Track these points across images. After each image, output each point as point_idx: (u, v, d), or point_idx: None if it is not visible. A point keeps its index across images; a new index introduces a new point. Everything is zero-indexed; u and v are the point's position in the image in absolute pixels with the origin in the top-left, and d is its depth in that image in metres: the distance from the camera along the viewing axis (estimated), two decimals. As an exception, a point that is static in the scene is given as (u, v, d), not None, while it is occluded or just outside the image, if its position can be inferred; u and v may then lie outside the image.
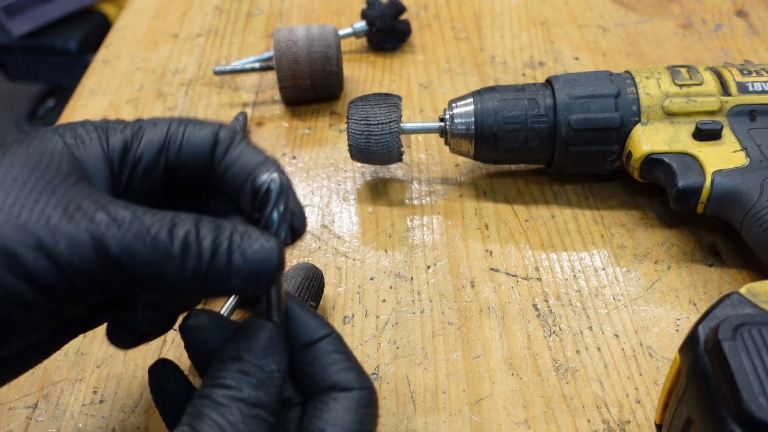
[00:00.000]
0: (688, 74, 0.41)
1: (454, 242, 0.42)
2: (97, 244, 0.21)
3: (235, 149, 0.26)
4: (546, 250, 0.41)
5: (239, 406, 0.22)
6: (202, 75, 0.56)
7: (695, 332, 0.25)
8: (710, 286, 0.38)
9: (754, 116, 0.39)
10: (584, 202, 0.44)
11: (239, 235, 0.23)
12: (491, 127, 0.41)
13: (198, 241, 0.22)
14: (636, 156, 0.39)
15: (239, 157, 0.26)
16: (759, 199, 0.35)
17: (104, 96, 0.55)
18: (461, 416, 0.33)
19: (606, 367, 0.35)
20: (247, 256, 0.22)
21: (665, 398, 0.28)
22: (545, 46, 0.57)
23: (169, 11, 0.65)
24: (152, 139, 0.26)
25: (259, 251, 0.22)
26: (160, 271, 0.22)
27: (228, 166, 0.26)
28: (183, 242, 0.22)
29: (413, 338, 0.36)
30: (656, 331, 0.36)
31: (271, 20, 0.63)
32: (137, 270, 0.21)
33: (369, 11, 0.56)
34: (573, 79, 0.41)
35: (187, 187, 0.27)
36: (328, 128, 0.51)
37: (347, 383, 0.24)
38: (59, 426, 0.33)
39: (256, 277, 0.23)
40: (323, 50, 0.49)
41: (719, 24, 0.59)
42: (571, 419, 0.33)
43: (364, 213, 0.44)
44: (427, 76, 0.55)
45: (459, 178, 0.46)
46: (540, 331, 0.36)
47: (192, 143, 0.26)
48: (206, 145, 0.26)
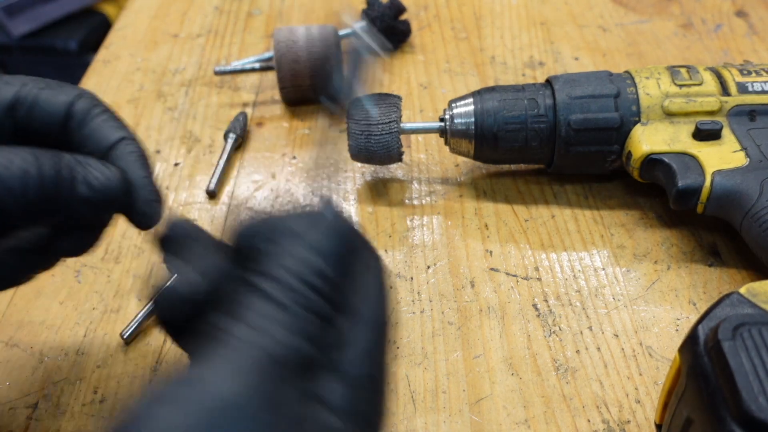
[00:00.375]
0: (688, 74, 0.41)
1: (454, 242, 0.42)
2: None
3: (93, 121, 0.25)
4: (546, 250, 0.41)
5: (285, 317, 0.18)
6: (202, 75, 0.56)
7: (695, 332, 0.25)
8: (710, 286, 0.38)
9: (754, 116, 0.39)
10: (584, 202, 0.44)
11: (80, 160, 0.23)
12: (491, 127, 0.41)
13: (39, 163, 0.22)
14: (636, 156, 0.39)
15: (96, 131, 0.25)
16: (759, 199, 0.35)
17: (104, 96, 0.55)
18: (461, 416, 0.33)
19: (606, 366, 0.35)
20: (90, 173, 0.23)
21: (665, 398, 0.28)
22: (545, 46, 0.57)
23: (169, 11, 0.65)
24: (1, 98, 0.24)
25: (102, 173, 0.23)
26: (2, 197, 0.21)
27: (83, 140, 0.25)
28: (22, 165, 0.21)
29: (413, 338, 0.36)
30: (656, 331, 0.36)
31: (271, 20, 0.63)
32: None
33: (369, 11, 0.56)
34: (573, 79, 0.41)
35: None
36: (328, 128, 0.51)
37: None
38: (59, 426, 0.33)
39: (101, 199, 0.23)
40: (323, 50, 0.49)
41: (719, 24, 0.59)
42: (570, 419, 0.33)
43: (364, 213, 0.44)
44: (427, 76, 0.55)
45: (459, 178, 0.46)
46: (540, 331, 0.36)
47: (44, 108, 0.25)
48: (59, 113, 0.25)
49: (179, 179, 0.47)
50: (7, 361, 0.36)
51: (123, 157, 0.25)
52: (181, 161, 0.49)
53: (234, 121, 0.50)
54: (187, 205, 0.45)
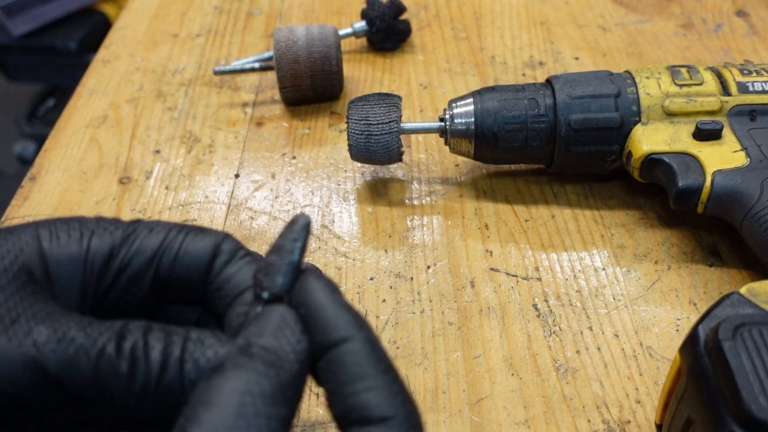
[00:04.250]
0: (689, 74, 0.41)
1: (454, 242, 0.42)
2: (32, 364, 0.19)
3: (234, 265, 0.23)
4: (546, 250, 0.41)
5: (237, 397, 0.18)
6: (201, 75, 0.56)
7: (695, 332, 0.25)
8: (710, 286, 0.38)
9: (755, 116, 0.39)
10: (584, 202, 0.44)
11: (192, 343, 0.20)
12: (491, 127, 0.41)
13: (146, 354, 0.20)
14: (636, 156, 0.39)
15: (236, 274, 0.23)
16: (759, 199, 0.35)
17: (104, 96, 0.55)
18: (461, 416, 0.33)
19: (606, 367, 0.35)
20: (200, 365, 0.20)
21: (665, 398, 0.28)
22: (545, 46, 0.57)
23: (169, 11, 0.65)
24: (144, 247, 0.23)
25: (213, 359, 0.20)
26: (106, 390, 0.19)
27: (222, 282, 0.23)
28: (130, 356, 0.19)
29: (413, 338, 0.36)
30: (656, 331, 0.36)
31: (270, 20, 0.63)
32: (79, 390, 0.19)
33: (369, 11, 0.56)
34: (573, 79, 0.41)
35: (175, 297, 0.24)
36: (328, 128, 0.51)
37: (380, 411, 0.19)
38: None
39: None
40: (323, 50, 0.49)
41: (719, 24, 0.59)
42: (571, 419, 0.33)
43: (364, 213, 0.44)
44: (427, 76, 0.55)
45: (459, 178, 0.46)
46: (540, 331, 0.36)
47: (189, 255, 0.23)
48: (204, 258, 0.23)
49: (179, 179, 0.47)
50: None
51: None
52: (181, 161, 0.49)
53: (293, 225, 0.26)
54: (186, 205, 0.45)
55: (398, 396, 0.19)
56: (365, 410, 0.19)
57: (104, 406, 0.20)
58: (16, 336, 0.19)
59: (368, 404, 0.19)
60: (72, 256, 0.22)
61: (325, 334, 0.20)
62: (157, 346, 0.20)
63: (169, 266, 0.23)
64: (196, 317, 0.25)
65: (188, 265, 0.23)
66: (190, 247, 0.23)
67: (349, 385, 0.19)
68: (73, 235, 0.22)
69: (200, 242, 0.23)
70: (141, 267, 0.23)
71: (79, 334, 0.19)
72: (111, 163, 0.49)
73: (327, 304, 0.21)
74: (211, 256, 0.23)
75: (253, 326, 0.20)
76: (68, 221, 0.23)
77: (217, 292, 0.23)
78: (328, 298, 0.21)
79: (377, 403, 0.19)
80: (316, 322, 0.20)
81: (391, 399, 0.19)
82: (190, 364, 0.20)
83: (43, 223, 0.23)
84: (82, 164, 0.49)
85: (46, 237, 0.22)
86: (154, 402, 0.20)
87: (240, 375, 0.18)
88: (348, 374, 0.20)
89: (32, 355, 0.19)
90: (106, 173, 0.48)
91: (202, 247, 0.23)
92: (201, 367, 0.20)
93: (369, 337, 0.20)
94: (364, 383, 0.19)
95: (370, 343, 0.20)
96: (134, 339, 0.20)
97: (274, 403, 0.18)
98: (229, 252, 0.24)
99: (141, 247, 0.23)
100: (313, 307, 0.21)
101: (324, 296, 0.21)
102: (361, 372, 0.20)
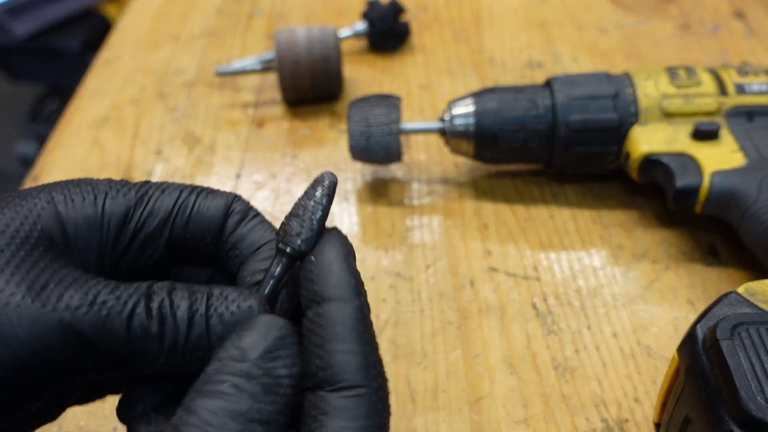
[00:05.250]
0: (686, 75, 0.41)
1: (454, 242, 0.42)
2: (67, 328, 0.19)
3: (247, 225, 0.24)
4: (545, 249, 0.41)
5: (235, 425, 0.18)
6: (203, 76, 0.57)
7: (693, 331, 0.25)
8: (708, 286, 0.38)
9: (752, 117, 0.40)
10: (583, 202, 0.44)
11: (215, 299, 0.21)
12: (491, 127, 0.41)
13: (173, 312, 0.20)
14: (634, 156, 0.40)
15: (249, 233, 0.24)
16: (757, 199, 0.36)
17: (106, 97, 0.55)
18: (461, 415, 0.33)
19: (605, 366, 0.35)
20: (224, 320, 0.20)
21: (664, 397, 0.28)
22: (544, 47, 0.57)
23: (171, 12, 0.65)
24: (159, 208, 0.23)
25: (237, 312, 0.21)
26: (138, 350, 0.20)
27: (236, 242, 0.24)
28: (158, 315, 0.20)
29: (413, 337, 0.37)
30: (655, 330, 0.36)
31: (272, 21, 0.63)
32: (112, 351, 0.20)
33: (369, 12, 0.56)
34: (572, 80, 0.42)
35: (188, 258, 0.24)
36: (329, 129, 0.51)
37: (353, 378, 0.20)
38: (61, 425, 0.34)
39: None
40: (324, 51, 0.49)
41: (717, 25, 0.59)
42: (569, 418, 0.33)
43: (364, 213, 0.44)
44: (427, 77, 0.55)
45: (459, 178, 0.46)
46: (539, 330, 0.37)
47: (202, 215, 0.23)
48: (217, 217, 0.23)
49: (180, 179, 0.47)
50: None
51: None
52: (183, 161, 0.49)
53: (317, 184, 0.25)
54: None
55: (373, 368, 0.20)
56: (339, 371, 0.20)
57: (136, 366, 0.20)
58: (49, 301, 0.19)
59: (344, 366, 0.20)
60: (88, 218, 0.22)
61: (326, 288, 0.21)
62: (182, 305, 0.20)
63: (183, 227, 0.23)
64: (208, 277, 0.26)
65: (201, 225, 0.23)
66: (203, 208, 0.24)
67: (331, 343, 0.20)
68: (87, 197, 0.22)
69: (212, 202, 0.24)
70: (156, 228, 0.23)
71: (110, 297, 0.20)
72: (113, 164, 0.49)
73: (336, 262, 0.21)
74: (224, 215, 0.24)
75: (248, 335, 0.20)
76: (80, 183, 0.23)
77: (231, 251, 0.24)
78: (340, 257, 0.21)
79: (352, 369, 0.20)
80: (320, 276, 0.21)
81: (366, 369, 0.20)
82: (215, 319, 0.20)
83: (56, 186, 0.23)
84: (84, 164, 0.49)
85: (61, 201, 0.22)
86: (182, 358, 0.20)
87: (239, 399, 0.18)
88: (333, 332, 0.20)
89: (67, 319, 0.19)
90: (107, 173, 0.48)
91: (215, 207, 0.24)
92: (225, 322, 0.20)
93: (363, 306, 0.21)
94: (346, 345, 0.20)
95: (362, 312, 0.21)
96: (161, 299, 0.20)
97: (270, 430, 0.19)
98: (241, 212, 0.24)
99: (155, 208, 0.23)
100: (323, 260, 0.21)
101: (336, 254, 0.21)
102: (345, 334, 0.20)
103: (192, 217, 0.23)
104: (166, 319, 0.20)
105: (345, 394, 0.19)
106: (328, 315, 0.20)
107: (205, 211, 0.24)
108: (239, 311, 0.21)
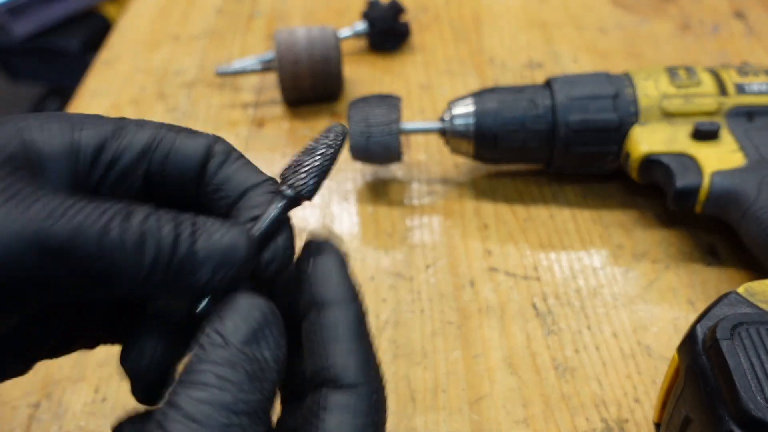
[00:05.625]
0: (686, 75, 0.41)
1: (454, 242, 0.42)
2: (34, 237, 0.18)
3: (231, 166, 0.23)
4: (545, 249, 0.41)
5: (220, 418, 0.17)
6: (203, 76, 0.57)
7: (693, 331, 0.25)
8: (708, 286, 0.38)
9: (752, 117, 0.40)
10: (583, 202, 0.44)
11: (203, 222, 0.20)
12: (491, 127, 0.41)
13: (158, 226, 0.19)
14: (634, 156, 0.40)
15: (234, 174, 0.23)
16: (757, 199, 0.36)
17: (106, 97, 0.55)
18: (461, 415, 0.33)
19: (605, 366, 0.35)
20: (212, 241, 0.20)
21: (663, 397, 0.28)
22: (544, 47, 0.57)
23: (171, 13, 0.65)
24: (136, 141, 0.22)
25: (225, 236, 0.20)
26: (115, 263, 0.19)
27: (220, 184, 0.23)
28: (140, 227, 0.19)
29: (413, 337, 0.37)
30: (654, 330, 0.36)
31: (272, 22, 0.63)
32: (85, 263, 0.18)
33: (369, 12, 0.56)
34: (572, 81, 0.42)
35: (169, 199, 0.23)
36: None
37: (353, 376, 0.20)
38: (61, 425, 0.34)
39: (225, 266, 0.20)
40: (324, 51, 0.49)
41: (717, 25, 0.59)
42: (569, 418, 0.33)
43: (364, 213, 0.44)
44: (427, 77, 0.55)
45: (459, 178, 0.46)
46: (539, 330, 0.37)
47: (181, 153, 0.23)
48: (197, 156, 0.23)
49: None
50: (9, 361, 0.37)
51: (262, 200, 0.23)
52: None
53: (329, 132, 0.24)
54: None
55: (373, 369, 0.21)
56: (341, 371, 0.20)
57: (113, 284, 0.19)
58: (16, 209, 0.18)
59: (345, 366, 0.20)
60: (63, 145, 0.21)
61: (327, 293, 0.21)
62: (167, 224, 0.19)
63: (161, 162, 0.23)
64: None
65: (181, 162, 0.23)
66: (182, 146, 0.23)
67: (333, 344, 0.20)
68: (63, 126, 0.22)
69: (192, 141, 0.23)
70: (132, 161, 0.22)
71: (85, 206, 0.19)
72: (112, 164, 0.49)
73: (334, 268, 0.21)
74: (205, 155, 0.23)
75: (229, 319, 0.19)
76: (56, 115, 0.22)
77: (216, 193, 0.23)
78: (337, 264, 0.22)
79: (352, 367, 0.20)
80: (319, 281, 0.21)
81: (365, 368, 0.20)
82: (202, 242, 0.20)
83: (31, 115, 0.22)
84: (84, 165, 0.49)
85: (36, 127, 0.21)
86: (165, 279, 0.19)
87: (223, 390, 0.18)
88: (335, 334, 0.20)
89: (34, 227, 0.18)
90: (107, 174, 0.48)
91: (195, 147, 0.23)
92: (213, 247, 0.20)
93: (360, 310, 0.21)
94: (348, 346, 0.20)
95: (359, 316, 0.21)
96: (143, 215, 0.19)
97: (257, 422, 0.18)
98: (224, 152, 0.23)
99: (132, 142, 0.22)
100: (321, 267, 0.21)
101: (333, 261, 0.22)
102: (347, 336, 0.20)
103: (171, 153, 0.23)
104: (147, 233, 0.19)
105: (346, 392, 0.20)
106: (330, 318, 0.20)
107: (184, 148, 0.23)
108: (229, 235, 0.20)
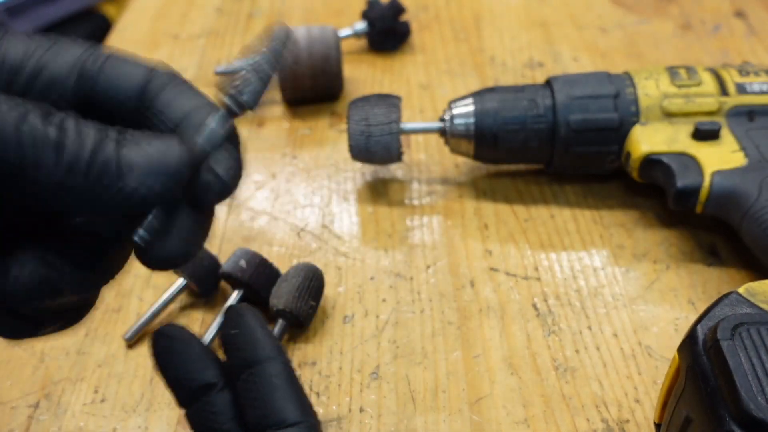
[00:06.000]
0: (687, 75, 0.41)
1: (454, 242, 0.42)
2: None
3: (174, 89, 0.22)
4: (545, 249, 0.41)
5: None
6: (202, 76, 0.57)
7: (694, 332, 0.25)
8: (709, 286, 0.38)
9: (753, 117, 0.40)
10: (583, 202, 0.44)
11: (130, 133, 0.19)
12: (491, 127, 0.41)
13: (79, 128, 0.18)
14: (635, 156, 0.40)
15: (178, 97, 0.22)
16: (757, 199, 0.36)
17: (105, 96, 0.55)
18: (461, 415, 0.33)
19: (605, 366, 0.35)
20: (140, 147, 0.19)
21: (664, 397, 0.28)
22: (544, 47, 0.57)
23: (170, 12, 0.65)
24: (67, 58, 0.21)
25: (154, 142, 0.19)
26: (31, 155, 0.17)
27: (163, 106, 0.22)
28: (60, 125, 0.18)
29: (413, 338, 0.37)
30: (655, 330, 0.36)
31: (271, 21, 0.63)
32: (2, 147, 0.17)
33: (369, 12, 0.56)
34: (572, 80, 0.42)
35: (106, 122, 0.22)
36: (329, 128, 0.51)
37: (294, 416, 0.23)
38: (60, 425, 0.34)
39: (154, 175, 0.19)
40: (323, 51, 0.49)
41: (718, 25, 0.59)
42: (570, 418, 0.33)
43: (364, 213, 0.44)
44: (427, 77, 0.55)
45: (459, 178, 0.46)
46: (539, 330, 0.37)
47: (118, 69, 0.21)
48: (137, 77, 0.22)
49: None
50: (8, 361, 0.37)
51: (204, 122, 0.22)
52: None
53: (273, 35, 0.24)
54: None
55: (308, 407, 0.24)
56: (282, 414, 0.23)
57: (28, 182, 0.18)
58: None
59: (285, 409, 0.23)
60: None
61: (255, 352, 0.24)
62: (91, 128, 0.18)
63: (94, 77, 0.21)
64: None
65: (117, 80, 0.21)
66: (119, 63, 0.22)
67: (271, 393, 0.24)
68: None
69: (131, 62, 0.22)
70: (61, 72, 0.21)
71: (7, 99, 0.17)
72: (112, 164, 0.49)
73: (258, 329, 0.25)
74: (145, 77, 0.22)
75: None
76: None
77: (158, 116, 0.22)
78: (259, 325, 0.25)
79: (292, 409, 0.23)
80: (248, 342, 0.24)
81: (302, 408, 0.24)
82: (129, 149, 0.19)
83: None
84: (84, 165, 0.49)
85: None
86: (85, 182, 0.18)
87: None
88: (270, 385, 0.24)
89: None
90: (107, 173, 0.48)
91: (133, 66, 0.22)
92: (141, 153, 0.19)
93: (287, 361, 0.25)
94: (282, 393, 0.24)
95: (287, 365, 0.25)
96: (64, 115, 0.18)
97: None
98: (166, 75, 0.22)
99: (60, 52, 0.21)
100: (247, 330, 0.25)
101: (256, 323, 0.25)
102: (281, 384, 0.24)
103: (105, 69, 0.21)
104: (68, 129, 0.18)
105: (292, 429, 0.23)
106: (263, 372, 0.24)
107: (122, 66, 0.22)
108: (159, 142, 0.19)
